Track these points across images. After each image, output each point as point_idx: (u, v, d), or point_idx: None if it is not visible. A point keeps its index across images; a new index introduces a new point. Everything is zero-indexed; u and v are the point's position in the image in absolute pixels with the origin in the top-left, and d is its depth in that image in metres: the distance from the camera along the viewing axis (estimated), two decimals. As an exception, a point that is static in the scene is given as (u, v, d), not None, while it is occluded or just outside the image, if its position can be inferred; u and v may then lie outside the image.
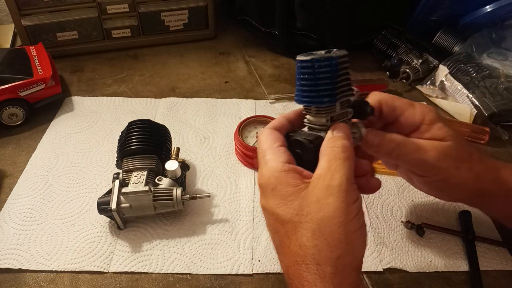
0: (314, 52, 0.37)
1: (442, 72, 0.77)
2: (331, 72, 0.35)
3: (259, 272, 0.51)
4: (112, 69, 0.87)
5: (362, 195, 0.42)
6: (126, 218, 0.55)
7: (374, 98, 0.43)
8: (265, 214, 0.38)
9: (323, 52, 0.36)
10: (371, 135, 0.41)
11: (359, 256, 0.34)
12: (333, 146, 0.36)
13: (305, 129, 0.41)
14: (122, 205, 0.52)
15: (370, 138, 0.41)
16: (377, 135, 0.41)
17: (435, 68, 0.79)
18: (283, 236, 0.35)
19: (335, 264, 0.32)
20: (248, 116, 0.69)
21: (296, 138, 0.39)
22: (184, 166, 0.60)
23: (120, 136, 0.59)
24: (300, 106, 0.40)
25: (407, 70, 0.80)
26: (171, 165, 0.55)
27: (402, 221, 0.57)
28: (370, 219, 0.57)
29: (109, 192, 0.53)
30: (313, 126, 0.39)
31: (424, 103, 0.41)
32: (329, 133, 0.37)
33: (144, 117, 0.68)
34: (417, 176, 0.45)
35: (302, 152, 0.38)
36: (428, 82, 0.79)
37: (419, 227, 0.55)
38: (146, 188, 0.52)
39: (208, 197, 0.56)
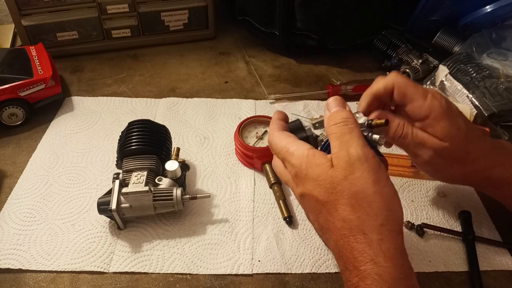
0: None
1: (442, 72, 0.77)
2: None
3: (259, 272, 0.51)
4: (112, 69, 0.87)
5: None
6: (126, 218, 0.55)
7: (389, 79, 0.45)
8: (305, 199, 0.39)
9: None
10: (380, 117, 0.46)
11: (400, 220, 0.36)
12: (335, 123, 0.38)
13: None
14: (122, 205, 0.52)
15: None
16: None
17: (435, 68, 0.79)
18: (326, 215, 0.37)
19: (380, 231, 0.34)
20: (248, 116, 0.69)
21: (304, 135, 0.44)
22: (184, 166, 0.60)
23: (120, 136, 0.59)
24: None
25: (407, 70, 0.80)
26: (171, 165, 0.55)
27: (402, 221, 0.57)
28: (370, 219, 0.57)
29: (109, 192, 0.53)
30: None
31: (439, 92, 0.43)
32: (326, 111, 0.40)
33: (144, 117, 0.68)
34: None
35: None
36: (428, 82, 0.79)
37: (419, 227, 0.55)
38: (146, 188, 0.52)
39: (208, 197, 0.56)
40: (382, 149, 0.67)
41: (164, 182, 0.54)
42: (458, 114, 0.45)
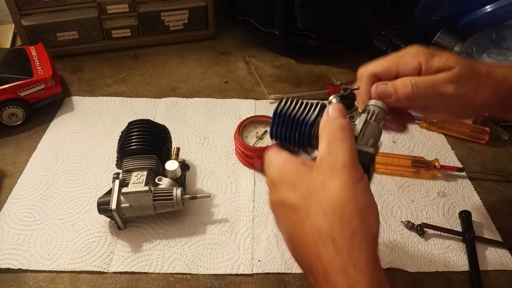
0: None
1: (442, 72, 0.76)
2: (285, 116, 0.39)
3: (259, 272, 0.51)
4: (112, 69, 0.87)
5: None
6: (126, 218, 0.55)
7: (363, 73, 0.44)
8: (277, 207, 0.38)
9: None
10: (381, 86, 0.42)
11: (374, 232, 0.34)
12: (330, 127, 0.36)
13: None
14: (122, 205, 0.52)
15: (380, 90, 0.42)
16: (388, 84, 0.42)
17: (435, 68, 0.79)
18: (297, 222, 0.35)
19: (351, 240, 0.32)
20: (248, 116, 0.69)
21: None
22: (184, 166, 0.60)
23: (120, 136, 0.59)
24: None
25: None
26: (171, 165, 0.55)
27: (402, 221, 0.57)
28: (370, 219, 0.57)
29: (109, 192, 0.53)
30: None
31: (416, 46, 0.42)
32: (325, 115, 0.38)
33: (144, 117, 0.68)
34: (438, 112, 0.45)
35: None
36: (428, 82, 0.79)
37: (419, 227, 0.55)
38: (146, 188, 0.52)
39: (208, 197, 0.56)
40: (385, 148, 0.67)
41: (164, 182, 0.54)
42: (441, 51, 0.43)
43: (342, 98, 0.40)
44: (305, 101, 0.40)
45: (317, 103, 0.40)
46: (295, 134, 0.39)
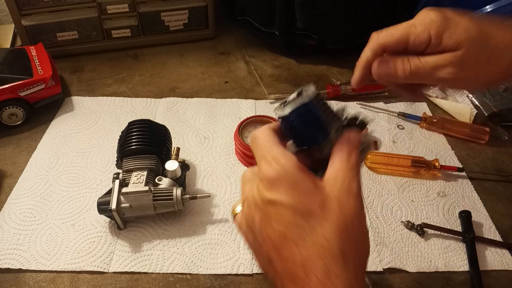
0: (286, 100, 0.36)
1: (442, 72, 0.77)
2: (312, 114, 0.35)
3: (259, 272, 0.51)
4: (112, 69, 0.87)
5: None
6: (126, 218, 0.55)
7: (373, 43, 0.44)
8: (277, 208, 0.34)
9: (294, 95, 0.36)
10: (382, 66, 0.42)
11: (368, 253, 0.37)
12: (349, 154, 0.35)
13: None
14: (122, 205, 0.52)
15: (381, 70, 0.42)
16: (389, 62, 0.42)
17: (435, 68, 0.79)
18: (307, 230, 0.33)
19: (358, 257, 0.34)
20: (248, 116, 0.69)
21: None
22: (184, 166, 0.60)
23: (120, 136, 0.59)
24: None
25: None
26: (171, 165, 0.55)
27: (402, 221, 0.57)
28: (370, 219, 0.57)
29: (109, 192, 0.53)
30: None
31: (429, 13, 0.41)
32: (345, 138, 0.36)
33: (144, 117, 0.68)
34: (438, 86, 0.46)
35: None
36: (428, 82, 0.79)
37: (419, 227, 0.55)
38: (146, 188, 0.52)
39: (208, 197, 0.56)
40: (385, 148, 0.67)
41: (164, 182, 0.54)
42: (458, 17, 0.41)
43: (350, 124, 0.37)
44: (330, 106, 0.37)
45: (339, 118, 0.37)
46: (309, 134, 0.36)
